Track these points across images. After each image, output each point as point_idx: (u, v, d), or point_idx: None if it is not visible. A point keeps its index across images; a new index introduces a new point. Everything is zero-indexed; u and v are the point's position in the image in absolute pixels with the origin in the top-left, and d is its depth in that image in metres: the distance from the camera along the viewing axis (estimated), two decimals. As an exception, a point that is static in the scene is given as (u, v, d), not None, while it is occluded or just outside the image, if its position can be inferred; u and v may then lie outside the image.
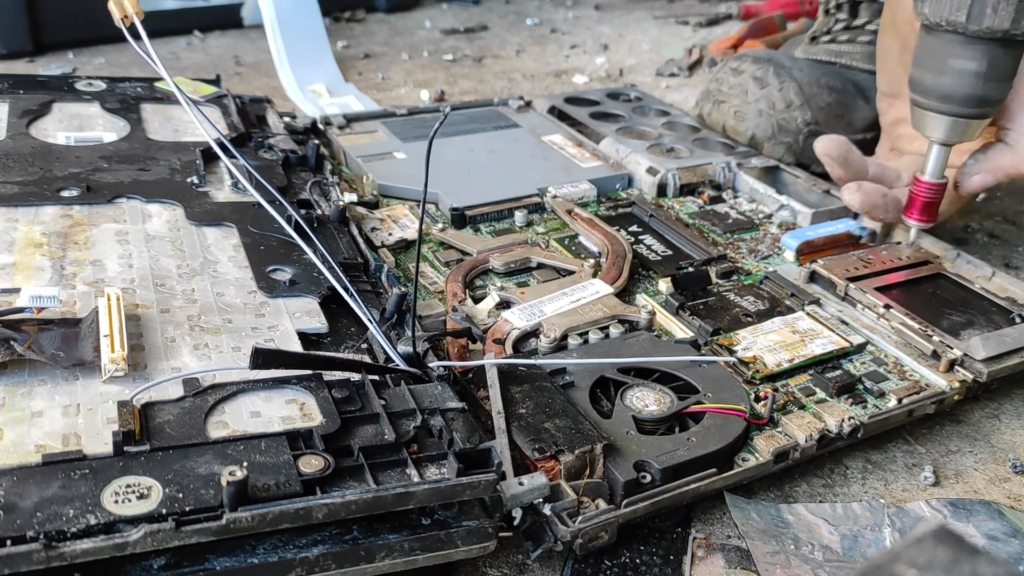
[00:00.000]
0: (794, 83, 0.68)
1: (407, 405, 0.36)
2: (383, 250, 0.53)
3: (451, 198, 0.58)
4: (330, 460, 0.32)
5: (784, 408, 0.42)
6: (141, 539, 0.27)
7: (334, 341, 0.41)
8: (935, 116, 0.50)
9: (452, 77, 1.00)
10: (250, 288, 0.44)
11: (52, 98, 0.61)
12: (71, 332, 0.37)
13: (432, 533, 0.32)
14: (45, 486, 0.29)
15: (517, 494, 0.34)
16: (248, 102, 0.68)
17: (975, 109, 0.49)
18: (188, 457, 0.31)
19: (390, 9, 1.25)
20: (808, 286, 0.52)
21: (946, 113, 0.50)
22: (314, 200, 0.53)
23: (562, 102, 0.76)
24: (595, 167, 0.65)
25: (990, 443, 0.44)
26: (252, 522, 0.28)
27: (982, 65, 0.47)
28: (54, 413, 0.33)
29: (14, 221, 0.46)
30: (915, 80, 0.51)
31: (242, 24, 1.13)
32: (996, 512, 0.39)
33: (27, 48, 0.97)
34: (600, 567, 0.36)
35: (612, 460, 0.36)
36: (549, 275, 0.52)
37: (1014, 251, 0.64)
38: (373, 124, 0.71)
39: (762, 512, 0.39)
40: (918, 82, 0.50)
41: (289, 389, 0.36)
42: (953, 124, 0.50)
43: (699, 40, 1.16)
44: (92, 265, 0.43)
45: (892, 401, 0.43)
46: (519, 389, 0.40)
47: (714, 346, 0.46)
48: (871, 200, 0.54)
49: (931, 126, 0.51)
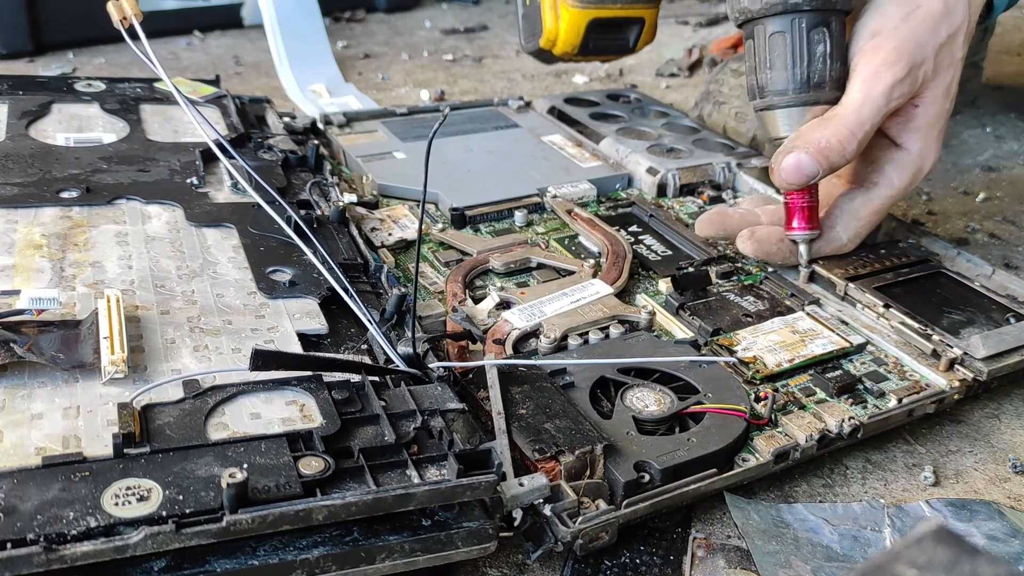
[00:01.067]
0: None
1: (407, 406, 0.36)
2: (383, 250, 0.53)
3: (451, 198, 0.58)
4: (330, 461, 0.32)
5: (784, 408, 0.42)
6: (141, 541, 0.27)
7: (334, 342, 0.41)
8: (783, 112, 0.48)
9: (452, 77, 1.00)
10: (250, 289, 0.44)
11: (51, 99, 0.61)
12: (71, 334, 0.37)
13: (432, 534, 0.32)
14: (45, 488, 0.29)
15: (517, 495, 0.34)
16: (248, 102, 0.68)
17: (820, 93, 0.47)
18: (188, 459, 0.31)
19: (390, 9, 1.25)
20: (808, 286, 0.52)
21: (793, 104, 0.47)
22: (314, 200, 0.53)
23: (562, 102, 0.76)
24: (595, 167, 0.65)
25: (990, 443, 0.44)
26: (252, 524, 0.28)
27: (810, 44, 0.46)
28: (54, 415, 0.33)
29: (13, 223, 0.46)
30: (753, 86, 0.49)
31: (242, 24, 1.13)
32: (996, 512, 0.39)
33: (27, 48, 0.97)
34: (600, 567, 0.36)
35: (612, 460, 0.36)
36: (549, 275, 0.52)
37: (1014, 251, 0.64)
38: (373, 124, 0.71)
39: (762, 512, 0.39)
40: (758, 85, 0.49)
41: (289, 390, 0.36)
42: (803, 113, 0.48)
43: (699, 40, 1.16)
44: (92, 267, 0.43)
45: (892, 401, 0.43)
46: (519, 390, 0.40)
47: (714, 346, 0.46)
48: (765, 247, 0.51)
49: (782, 123, 0.48)
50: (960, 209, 0.71)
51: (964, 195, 0.73)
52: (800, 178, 0.47)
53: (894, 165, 0.50)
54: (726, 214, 0.54)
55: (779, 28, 0.47)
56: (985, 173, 0.78)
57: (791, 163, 0.47)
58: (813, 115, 0.47)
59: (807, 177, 0.47)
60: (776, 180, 0.49)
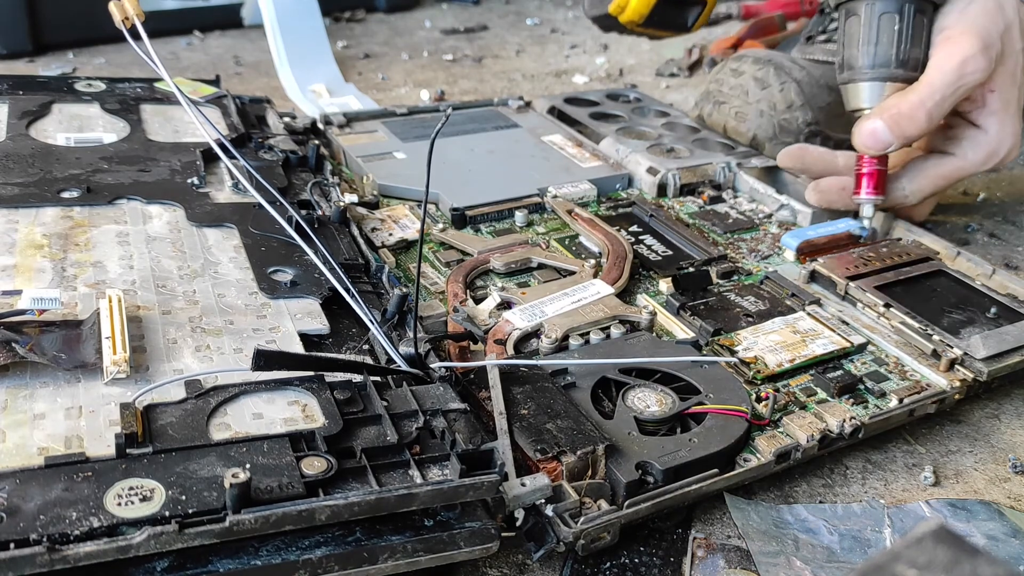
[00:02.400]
0: (795, 83, 0.68)
1: (409, 406, 0.36)
2: (383, 250, 0.53)
3: (451, 198, 0.58)
4: (332, 462, 0.32)
5: (785, 408, 0.42)
6: (144, 542, 0.27)
7: (335, 342, 0.41)
8: (866, 85, 0.54)
9: (452, 77, 1.00)
10: (251, 289, 0.44)
11: (52, 99, 0.61)
12: (73, 334, 0.37)
13: (435, 534, 0.32)
14: (48, 489, 0.29)
15: (519, 495, 0.34)
16: (248, 102, 0.68)
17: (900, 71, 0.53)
18: (191, 459, 0.31)
19: (390, 9, 1.25)
20: (808, 286, 0.52)
21: (874, 79, 0.53)
22: (314, 201, 0.53)
23: (562, 102, 0.76)
24: (595, 167, 0.65)
25: (990, 443, 0.44)
26: (255, 524, 0.28)
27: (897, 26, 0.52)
28: (56, 415, 0.33)
29: (15, 223, 0.46)
30: (842, 60, 0.55)
31: (242, 24, 1.13)
32: (996, 512, 0.39)
33: (27, 48, 0.97)
34: (600, 567, 0.36)
35: (614, 461, 0.37)
36: (550, 275, 0.52)
37: (1014, 251, 0.64)
38: (373, 124, 0.71)
39: (762, 513, 0.39)
40: (845, 60, 0.54)
41: (291, 391, 0.36)
42: (885, 89, 0.53)
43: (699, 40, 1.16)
44: (93, 267, 0.43)
45: (893, 401, 0.43)
46: (521, 390, 0.40)
47: (715, 346, 0.46)
48: (827, 197, 0.57)
49: (864, 96, 0.54)
50: (960, 209, 0.71)
51: (964, 195, 0.73)
52: (876, 143, 0.53)
53: (971, 142, 0.56)
54: (807, 149, 0.59)
55: (889, 9, 0.52)
56: (985, 173, 0.78)
57: (867, 128, 0.53)
58: (894, 90, 0.53)
59: (882, 144, 0.53)
60: (856, 145, 0.54)
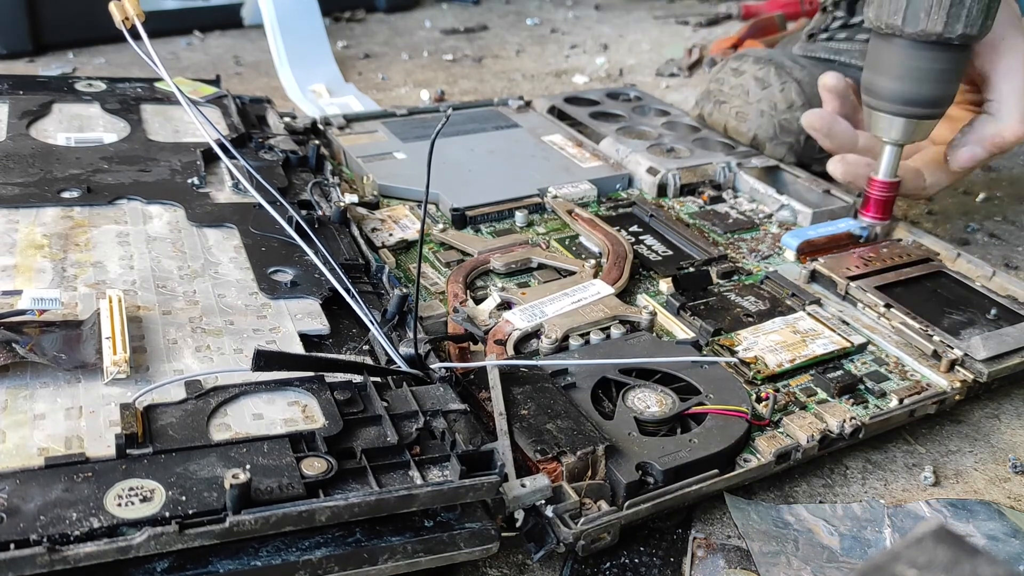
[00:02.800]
0: (795, 83, 0.68)
1: (409, 407, 0.36)
2: (384, 251, 0.53)
3: (451, 198, 0.58)
4: (333, 462, 0.32)
5: (785, 409, 0.42)
6: (144, 542, 0.27)
7: (336, 343, 0.41)
8: (886, 117, 0.53)
9: (452, 77, 1.00)
10: (251, 289, 0.44)
11: (52, 99, 0.61)
12: (73, 334, 0.37)
13: (435, 535, 0.32)
14: (48, 489, 0.29)
15: (520, 496, 0.34)
16: (248, 102, 0.68)
17: (922, 109, 0.52)
18: (191, 460, 0.31)
19: (390, 9, 1.25)
20: (809, 286, 0.52)
21: (896, 114, 0.52)
22: (315, 201, 0.53)
23: (562, 102, 0.76)
24: (595, 167, 0.65)
25: (990, 443, 0.44)
26: (255, 525, 0.28)
27: (925, 67, 0.50)
28: (56, 416, 0.33)
29: (15, 223, 0.46)
30: (866, 83, 0.53)
31: (242, 24, 1.13)
32: (996, 512, 0.39)
33: (27, 48, 0.97)
34: (600, 567, 0.36)
35: (614, 461, 0.37)
36: (550, 276, 0.52)
37: (1014, 251, 0.64)
38: (373, 124, 0.71)
39: (762, 513, 0.39)
40: (869, 85, 0.53)
41: (291, 391, 0.36)
42: (904, 124, 0.52)
43: (699, 40, 1.16)
44: (93, 267, 0.43)
45: (893, 401, 0.43)
46: (521, 390, 0.40)
47: (715, 347, 0.46)
48: (853, 171, 0.57)
49: (883, 127, 0.53)
50: (960, 209, 0.71)
51: (964, 195, 0.73)
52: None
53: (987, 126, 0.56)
54: (836, 120, 0.59)
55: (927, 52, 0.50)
56: (985, 173, 0.78)
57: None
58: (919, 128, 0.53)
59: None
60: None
